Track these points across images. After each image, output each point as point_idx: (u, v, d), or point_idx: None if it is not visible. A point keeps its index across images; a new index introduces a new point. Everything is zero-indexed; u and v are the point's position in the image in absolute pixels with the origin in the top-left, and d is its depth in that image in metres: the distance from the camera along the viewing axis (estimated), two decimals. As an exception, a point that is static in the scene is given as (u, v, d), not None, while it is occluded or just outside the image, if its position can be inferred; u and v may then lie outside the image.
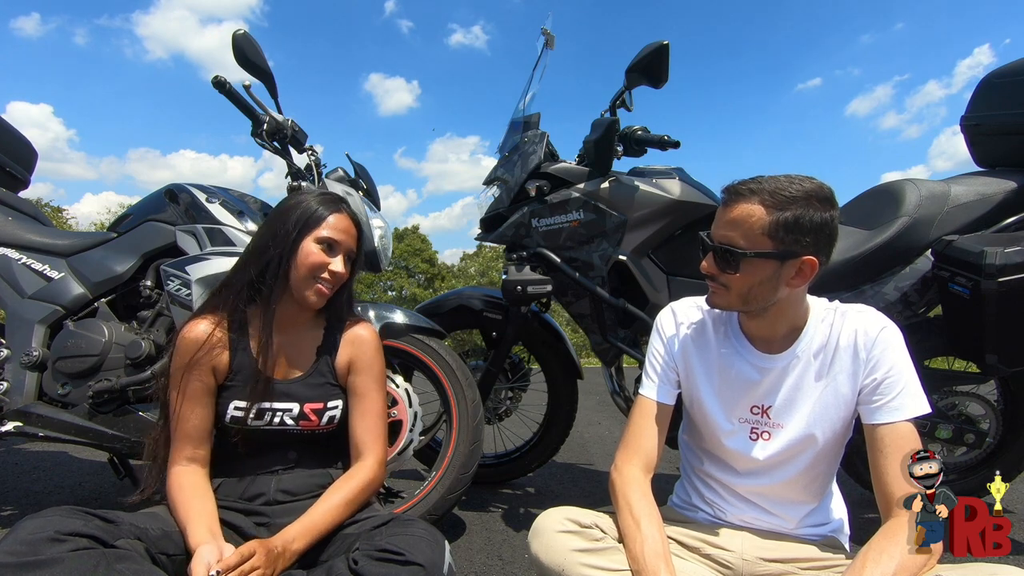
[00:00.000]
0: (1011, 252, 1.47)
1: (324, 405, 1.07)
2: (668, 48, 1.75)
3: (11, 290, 1.73)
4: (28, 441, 2.67)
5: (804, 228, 0.89)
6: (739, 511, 1.03)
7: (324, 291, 1.07)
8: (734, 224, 0.91)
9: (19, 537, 0.75)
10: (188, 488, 0.98)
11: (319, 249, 1.06)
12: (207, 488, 1.00)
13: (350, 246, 1.10)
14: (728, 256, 0.92)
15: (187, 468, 1.01)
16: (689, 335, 1.08)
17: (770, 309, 0.97)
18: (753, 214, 0.90)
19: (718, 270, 0.95)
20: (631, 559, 0.91)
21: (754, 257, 0.90)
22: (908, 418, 0.90)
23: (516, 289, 1.86)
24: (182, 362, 1.03)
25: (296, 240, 1.05)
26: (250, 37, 1.59)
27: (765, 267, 0.91)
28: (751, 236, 0.90)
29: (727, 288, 0.95)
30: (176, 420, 1.02)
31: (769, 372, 1.00)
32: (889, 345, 0.94)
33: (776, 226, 0.88)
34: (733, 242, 0.92)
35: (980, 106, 1.88)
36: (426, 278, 34.18)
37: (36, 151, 2.23)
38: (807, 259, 0.90)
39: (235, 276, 1.09)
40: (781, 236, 0.89)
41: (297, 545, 0.92)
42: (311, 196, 1.10)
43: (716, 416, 1.04)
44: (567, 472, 2.66)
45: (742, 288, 0.94)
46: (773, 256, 0.90)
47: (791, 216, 0.88)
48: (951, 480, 1.92)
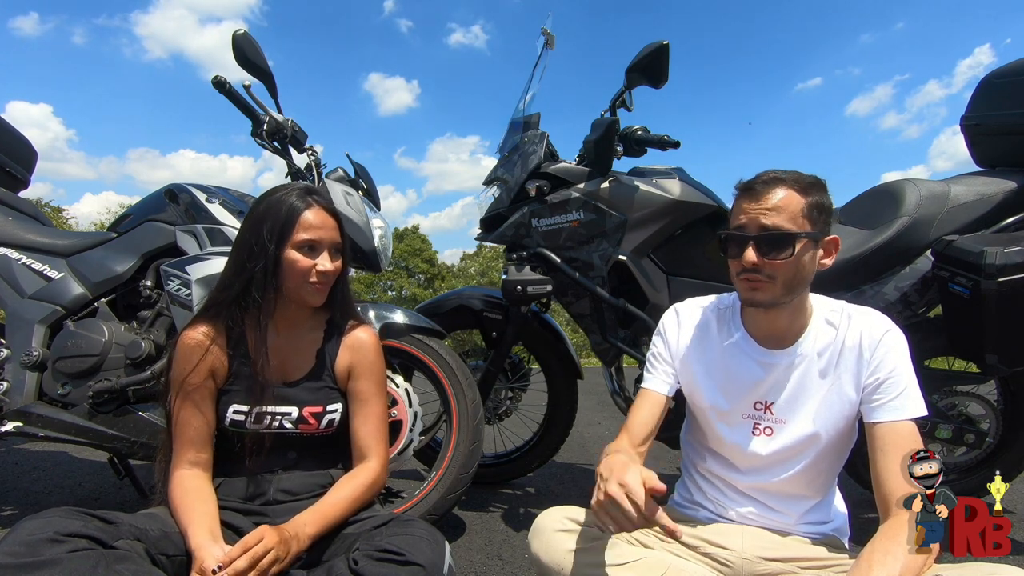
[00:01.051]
0: (1011, 252, 1.47)
1: (323, 409, 1.07)
2: (668, 48, 1.75)
3: (11, 290, 1.73)
4: (28, 441, 2.67)
5: (826, 209, 0.96)
6: (741, 507, 1.04)
7: (318, 290, 1.06)
8: (779, 210, 0.93)
9: (18, 538, 0.75)
10: (192, 491, 0.98)
11: (301, 255, 1.03)
12: (210, 491, 1.00)
13: (332, 239, 1.06)
14: (778, 241, 0.92)
15: (189, 472, 1.01)
16: (692, 333, 1.09)
17: (794, 301, 0.98)
18: (792, 198, 0.94)
19: (765, 260, 0.93)
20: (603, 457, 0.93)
21: (805, 237, 0.93)
22: (908, 418, 0.90)
23: (516, 289, 1.86)
24: (181, 368, 1.03)
25: (276, 252, 1.02)
26: (250, 37, 1.59)
27: (808, 248, 0.95)
28: (795, 219, 0.93)
29: (772, 279, 0.94)
30: (177, 425, 1.03)
31: (772, 368, 1.01)
32: (893, 348, 0.95)
33: (811, 207, 0.94)
34: (781, 227, 0.92)
35: (980, 106, 1.88)
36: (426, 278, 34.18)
37: (36, 151, 2.23)
38: (832, 238, 0.98)
39: (221, 294, 1.06)
40: (815, 216, 0.94)
41: (310, 529, 0.92)
42: (277, 199, 1.05)
43: (719, 412, 1.05)
44: (567, 472, 2.66)
45: (788, 274, 0.93)
46: (813, 236, 0.94)
47: (816, 199, 0.95)
48: (951, 480, 1.92)
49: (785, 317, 1.00)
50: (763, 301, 0.96)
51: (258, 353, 1.04)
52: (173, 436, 1.03)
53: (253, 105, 1.66)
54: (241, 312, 1.05)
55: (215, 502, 0.98)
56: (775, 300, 0.96)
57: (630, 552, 0.94)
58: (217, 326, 1.06)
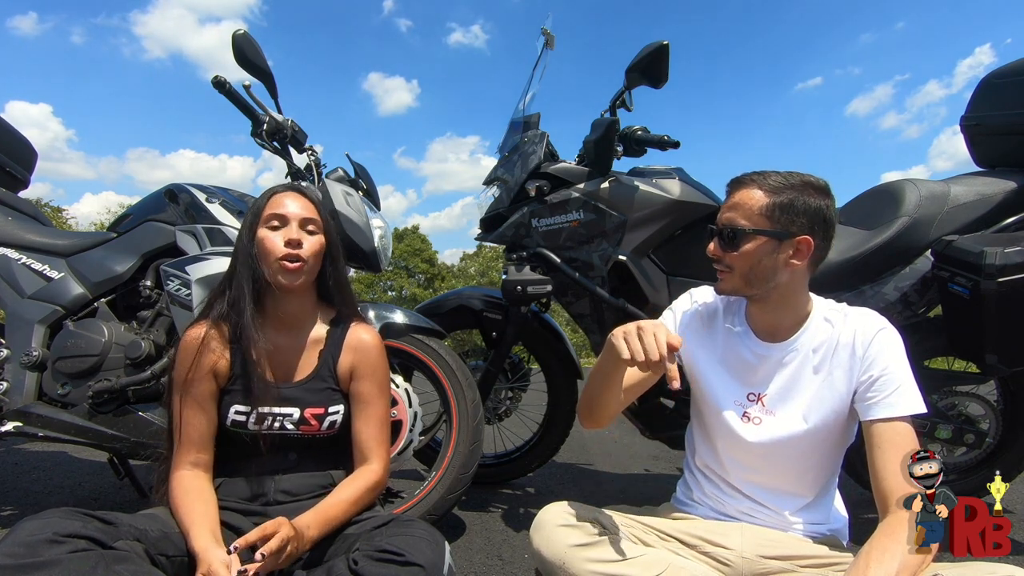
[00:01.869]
0: (1011, 252, 1.47)
1: (325, 410, 1.07)
2: (668, 48, 1.75)
3: (11, 290, 1.73)
4: (28, 441, 2.67)
5: (798, 210, 0.97)
6: (737, 503, 1.05)
7: (289, 266, 1.03)
8: (736, 207, 1.00)
9: (18, 539, 0.75)
10: (193, 492, 0.97)
11: (268, 232, 1.04)
12: (210, 492, 1.00)
13: (301, 215, 1.06)
14: (731, 236, 1.00)
15: (190, 472, 1.01)
16: (701, 318, 1.14)
17: (772, 295, 1.01)
18: (753, 197, 0.99)
19: (722, 251, 1.02)
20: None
21: (753, 233, 0.98)
22: (904, 415, 0.91)
23: (516, 289, 1.86)
24: (183, 367, 1.03)
25: (250, 239, 1.05)
26: (250, 37, 1.60)
27: (764, 245, 0.98)
28: (751, 216, 0.98)
29: (731, 270, 1.01)
30: (179, 425, 1.03)
31: (766, 360, 1.04)
32: (885, 345, 0.97)
33: (772, 207, 0.97)
34: (734, 223, 0.99)
35: (980, 106, 1.88)
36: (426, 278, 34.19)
37: (36, 151, 2.22)
38: (803, 239, 0.97)
39: (220, 294, 1.08)
40: (777, 216, 0.97)
41: (312, 532, 0.92)
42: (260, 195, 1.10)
43: (715, 393, 1.07)
44: (567, 472, 2.66)
45: (744, 267, 1.00)
46: (770, 235, 0.97)
47: (786, 199, 0.97)
48: (951, 480, 1.92)
49: (780, 312, 1.03)
50: (725, 290, 1.05)
51: (255, 351, 1.03)
52: (174, 436, 1.03)
53: (253, 105, 1.66)
54: (234, 307, 1.05)
55: (216, 503, 0.98)
56: (736, 290, 1.04)
57: (631, 549, 0.95)
58: (219, 326, 1.06)
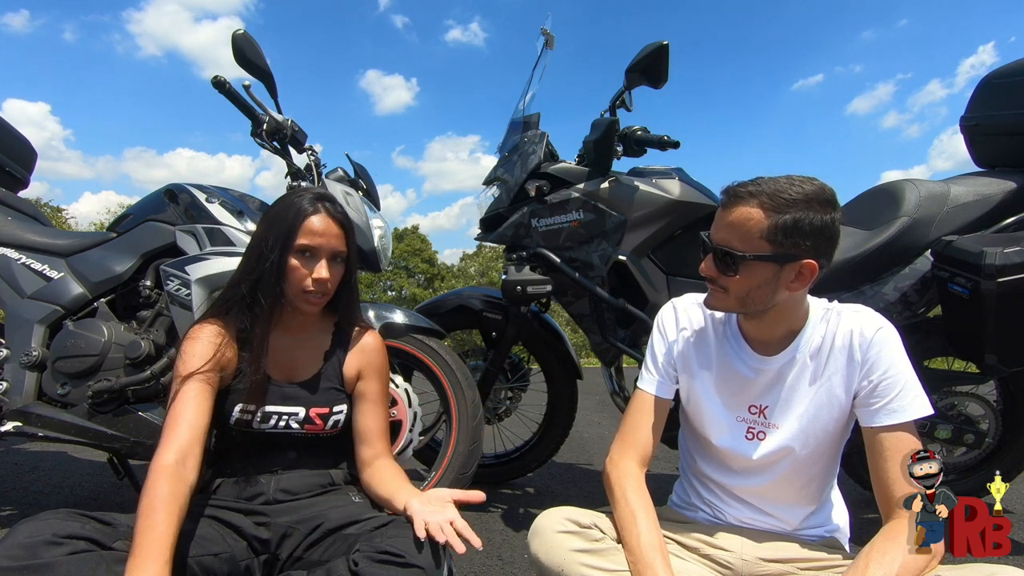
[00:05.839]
0: (1011, 252, 1.47)
1: (330, 410, 1.07)
2: (668, 48, 1.75)
3: (11, 290, 1.73)
4: (28, 441, 2.67)
5: (804, 231, 0.87)
6: (737, 512, 1.03)
7: (313, 301, 1.05)
8: (732, 227, 0.90)
9: (16, 540, 0.74)
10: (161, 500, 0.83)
11: (300, 262, 1.03)
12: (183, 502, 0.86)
13: (333, 247, 1.06)
14: (727, 259, 0.91)
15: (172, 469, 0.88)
16: (690, 332, 1.07)
17: (769, 311, 0.95)
18: (751, 217, 0.88)
19: (717, 272, 0.93)
20: (628, 551, 0.91)
21: (752, 260, 0.89)
22: (908, 420, 0.89)
23: (516, 289, 1.86)
24: (187, 361, 1.01)
25: (281, 258, 1.03)
26: (249, 37, 1.60)
27: (763, 270, 0.89)
28: (749, 239, 0.89)
29: (726, 291, 0.94)
30: (176, 414, 1.00)
31: (764, 373, 0.99)
32: (885, 346, 0.92)
33: (775, 229, 0.87)
34: (731, 245, 0.90)
35: (980, 106, 1.89)
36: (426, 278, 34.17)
37: (35, 151, 2.22)
38: (807, 263, 0.88)
39: (229, 292, 1.08)
40: (780, 239, 0.87)
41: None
42: (289, 203, 1.06)
43: (714, 414, 1.03)
44: (567, 472, 2.66)
45: (740, 291, 0.92)
46: (771, 259, 0.88)
47: (790, 219, 0.86)
48: (951, 480, 1.92)
49: (776, 327, 0.98)
50: (717, 308, 0.98)
51: (261, 353, 1.03)
52: (164, 428, 0.95)
53: (253, 105, 1.66)
54: (248, 311, 1.05)
55: (182, 517, 0.84)
56: (729, 309, 0.98)
57: None
58: (226, 323, 1.06)
